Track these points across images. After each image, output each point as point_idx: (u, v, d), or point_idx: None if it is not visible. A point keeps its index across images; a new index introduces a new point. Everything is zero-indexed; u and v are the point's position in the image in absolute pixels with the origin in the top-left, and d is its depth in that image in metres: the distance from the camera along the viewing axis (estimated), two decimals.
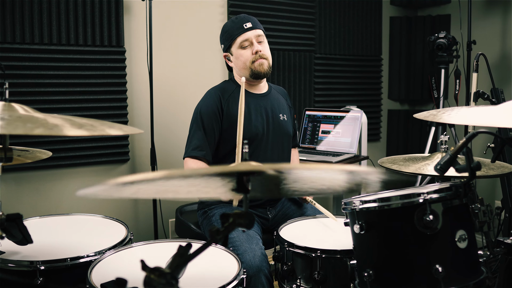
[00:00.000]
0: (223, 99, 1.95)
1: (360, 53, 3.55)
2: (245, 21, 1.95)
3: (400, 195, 1.14)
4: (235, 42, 1.94)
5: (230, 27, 1.97)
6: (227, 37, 1.97)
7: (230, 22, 1.99)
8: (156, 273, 0.81)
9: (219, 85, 2.05)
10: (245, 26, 1.93)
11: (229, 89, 2.00)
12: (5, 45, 2.29)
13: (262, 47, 1.96)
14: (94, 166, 2.60)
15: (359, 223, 1.18)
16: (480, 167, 1.09)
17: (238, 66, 1.98)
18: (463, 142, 1.11)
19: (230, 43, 1.97)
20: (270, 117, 2.00)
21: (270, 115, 2.01)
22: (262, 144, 1.96)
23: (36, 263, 1.37)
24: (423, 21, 3.66)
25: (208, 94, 2.00)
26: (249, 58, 1.94)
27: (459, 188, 1.12)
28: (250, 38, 1.93)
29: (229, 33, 1.97)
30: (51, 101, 2.43)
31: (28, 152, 1.35)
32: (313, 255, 1.47)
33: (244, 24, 1.94)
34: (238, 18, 1.97)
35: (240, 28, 1.93)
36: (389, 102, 3.83)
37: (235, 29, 1.95)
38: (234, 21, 1.97)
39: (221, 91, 1.98)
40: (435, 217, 1.09)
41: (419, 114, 1.38)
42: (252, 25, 1.94)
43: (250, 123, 1.93)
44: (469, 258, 1.15)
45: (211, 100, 1.95)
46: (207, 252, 1.47)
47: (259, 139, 1.95)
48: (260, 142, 1.95)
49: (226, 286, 1.24)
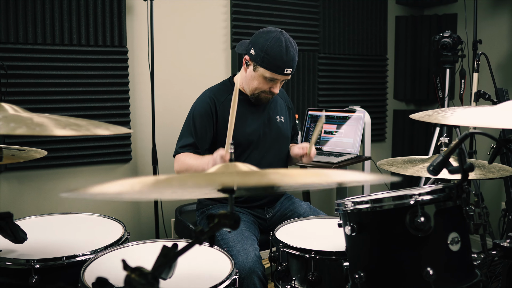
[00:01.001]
0: (218, 102, 1.95)
1: (365, 53, 3.53)
2: (289, 66, 1.84)
3: (392, 196, 1.13)
4: (266, 71, 1.84)
5: (274, 56, 1.81)
6: (265, 60, 1.83)
7: (278, 50, 1.81)
8: (137, 272, 0.81)
9: (215, 87, 2.03)
10: (286, 72, 1.84)
11: (225, 93, 1.98)
12: (8, 45, 2.32)
13: (280, 88, 1.94)
14: (97, 165, 2.62)
15: (351, 224, 1.17)
16: (473, 168, 1.07)
17: (248, 82, 1.93)
18: (455, 143, 1.09)
19: (261, 65, 1.84)
20: (266, 120, 2.00)
21: (267, 119, 2.01)
22: (258, 147, 1.96)
23: (31, 261, 1.38)
24: (429, 20, 3.62)
25: (203, 96, 1.99)
26: (262, 88, 1.90)
27: (452, 190, 1.11)
28: (279, 80, 1.89)
29: (269, 60, 1.82)
30: (53, 101, 2.45)
31: (22, 151, 1.36)
32: (307, 256, 1.46)
33: (286, 69, 1.84)
34: (287, 54, 1.82)
35: (280, 69, 1.83)
36: (394, 102, 3.80)
37: (276, 66, 1.82)
38: (282, 53, 1.81)
39: (216, 94, 1.97)
40: (427, 219, 1.07)
41: (415, 115, 1.36)
42: (291, 72, 1.86)
43: (245, 127, 1.93)
44: (462, 261, 1.14)
45: (205, 102, 1.95)
46: (202, 251, 1.48)
47: (255, 143, 1.95)
48: (257, 146, 1.96)
49: (217, 286, 1.24)
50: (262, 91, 1.91)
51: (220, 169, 0.94)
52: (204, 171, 1.70)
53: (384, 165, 1.79)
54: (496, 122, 1.16)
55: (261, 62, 1.84)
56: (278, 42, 1.82)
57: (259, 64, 1.85)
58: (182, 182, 0.83)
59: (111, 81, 2.59)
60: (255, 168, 0.95)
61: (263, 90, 1.91)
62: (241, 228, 1.78)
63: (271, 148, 1.99)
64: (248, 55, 1.90)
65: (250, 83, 1.92)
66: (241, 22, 2.96)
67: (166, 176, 0.82)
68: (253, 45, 1.87)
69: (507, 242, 1.29)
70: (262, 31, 1.89)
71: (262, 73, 1.85)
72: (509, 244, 1.28)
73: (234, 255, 1.63)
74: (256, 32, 1.92)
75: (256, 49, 1.85)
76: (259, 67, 1.85)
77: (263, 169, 0.87)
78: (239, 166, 0.93)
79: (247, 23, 2.97)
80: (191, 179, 0.85)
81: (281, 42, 1.82)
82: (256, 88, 1.91)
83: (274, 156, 2.00)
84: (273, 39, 1.83)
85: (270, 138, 1.99)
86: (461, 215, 1.14)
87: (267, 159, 1.97)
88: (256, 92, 1.93)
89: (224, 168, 0.95)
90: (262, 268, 1.64)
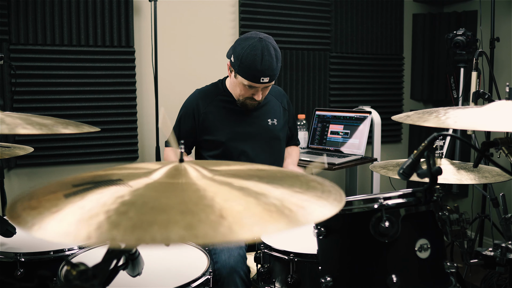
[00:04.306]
0: (204, 104, 1.98)
1: (380, 52, 3.45)
2: (264, 75, 1.79)
3: (359, 199, 1.10)
4: (244, 79, 1.83)
5: (248, 65, 1.78)
6: (240, 68, 1.81)
7: (252, 59, 1.77)
8: (77, 268, 0.81)
9: (205, 88, 2.06)
10: (261, 81, 1.80)
11: (213, 95, 2.01)
12: (19, 46, 2.41)
13: (264, 93, 1.90)
14: (104, 162, 2.68)
15: (318, 227, 1.15)
16: (441, 172, 1.03)
17: (233, 88, 1.95)
18: (424, 145, 1.05)
19: (238, 72, 1.83)
20: (255, 123, 2.00)
21: (256, 121, 2.00)
22: (247, 150, 1.96)
23: (18, 254, 1.43)
24: (448, 17, 3.50)
25: (191, 96, 2.05)
26: (245, 95, 1.89)
27: (420, 194, 1.06)
28: (258, 88, 1.86)
29: (244, 69, 1.80)
30: (61, 100, 2.53)
31: (8, 148, 1.41)
32: (287, 258, 1.44)
33: (262, 78, 1.80)
34: (262, 63, 1.77)
35: (256, 78, 1.80)
36: (411, 102, 3.70)
37: (251, 75, 1.80)
38: (256, 63, 1.77)
39: (203, 95, 2.00)
40: (392, 224, 1.03)
41: (397, 116, 1.31)
42: (269, 80, 1.82)
43: (233, 130, 1.96)
44: (432, 269, 1.09)
45: (192, 102, 2.00)
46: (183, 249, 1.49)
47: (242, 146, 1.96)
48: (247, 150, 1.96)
49: (187, 284, 1.24)
50: (246, 97, 1.91)
51: None
52: None
53: (377, 167, 1.75)
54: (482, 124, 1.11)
55: (238, 70, 1.83)
56: (253, 50, 1.77)
57: (237, 72, 1.85)
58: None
59: (118, 80, 2.65)
60: None
61: (246, 96, 1.90)
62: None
63: (261, 151, 1.98)
64: (229, 61, 1.90)
65: (234, 89, 1.95)
66: (250, 22, 2.95)
67: None
68: (233, 52, 1.86)
69: (489, 250, 1.23)
70: (241, 38, 1.87)
71: (241, 81, 1.85)
72: (493, 253, 1.23)
73: (217, 253, 1.63)
74: (237, 38, 1.93)
75: (234, 56, 1.84)
76: (237, 75, 1.86)
77: None
78: None
79: (256, 22, 2.96)
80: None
81: (257, 50, 1.78)
82: (240, 94, 1.92)
83: (264, 159, 1.98)
84: (248, 47, 1.79)
85: (259, 141, 1.99)
86: (432, 221, 1.10)
87: (259, 161, 1.95)
88: (240, 99, 1.93)
89: None
90: (245, 268, 1.63)
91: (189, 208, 0.75)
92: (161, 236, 0.66)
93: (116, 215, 0.73)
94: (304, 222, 0.77)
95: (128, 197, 0.79)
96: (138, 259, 1.11)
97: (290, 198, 0.85)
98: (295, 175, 0.95)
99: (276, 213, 0.76)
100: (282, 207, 0.79)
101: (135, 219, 0.72)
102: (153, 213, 0.74)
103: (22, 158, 2.45)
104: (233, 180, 0.89)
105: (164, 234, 0.67)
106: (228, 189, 0.84)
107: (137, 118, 2.72)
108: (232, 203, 0.78)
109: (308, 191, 0.90)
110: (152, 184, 0.85)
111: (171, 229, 0.68)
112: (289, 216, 0.77)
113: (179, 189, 0.82)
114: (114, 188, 0.85)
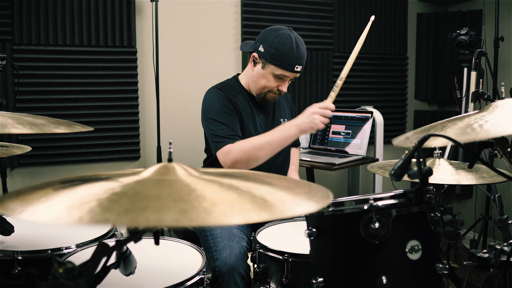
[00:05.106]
0: (232, 99, 1.89)
1: (383, 52, 3.43)
2: (300, 63, 1.81)
3: (349, 200, 1.09)
4: (277, 68, 1.81)
5: (285, 53, 1.78)
6: (275, 56, 1.79)
7: (289, 46, 1.78)
8: (63, 266, 0.82)
9: (222, 84, 1.96)
10: (296, 69, 1.81)
11: (234, 92, 1.92)
12: (21, 47, 2.43)
13: (287, 87, 1.90)
14: (107, 162, 2.70)
15: (309, 228, 1.14)
16: (431, 172, 1.02)
17: (255, 81, 1.89)
18: (415, 146, 1.04)
19: (271, 62, 1.81)
20: (271, 122, 1.98)
21: (271, 120, 1.99)
22: None
23: (15, 253, 1.44)
24: (453, 17, 3.47)
25: (213, 90, 1.91)
26: (270, 87, 1.86)
27: (411, 195, 1.06)
28: (288, 77, 1.85)
29: (280, 56, 1.78)
30: (64, 100, 2.55)
31: (6, 147, 1.43)
32: (281, 258, 1.44)
33: (297, 66, 1.80)
34: (298, 51, 1.80)
35: (291, 66, 1.80)
36: (415, 102, 3.67)
37: (287, 62, 1.79)
38: (293, 50, 1.78)
39: (227, 91, 1.90)
40: (382, 225, 1.03)
41: (396, 141, 1.26)
42: (301, 69, 1.83)
43: (255, 128, 1.92)
44: (424, 271, 1.08)
45: (220, 95, 1.88)
46: (177, 248, 1.50)
47: None
48: None
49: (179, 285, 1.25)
50: (270, 90, 1.87)
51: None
52: (285, 139, 1.70)
53: (375, 167, 1.74)
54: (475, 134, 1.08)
55: (271, 59, 1.80)
56: (288, 39, 1.80)
57: (268, 61, 1.81)
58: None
59: (121, 81, 2.66)
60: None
61: (270, 89, 1.87)
62: (231, 226, 1.78)
63: (281, 150, 1.97)
64: (256, 53, 1.85)
65: (257, 81, 1.88)
66: (252, 22, 2.95)
67: None
68: (261, 42, 1.83)
69: (483, 252, 1.22)
70: (271, 28, 1.87)
71: (272, 70, 1.82)
72: (488, 255, 1.22)
73: (218, 251, 1.63)
74: (264, 30, 1.90)
75: (265, 46, 1.81)
76: (268, 65, 1.82)
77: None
78: None
79: (259, 22, 2.96)
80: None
81: (292, 39, 1.80)
82: (264, 86, 1.87)
83: (283, 158, 1.99)
84: (283, 36, 1.80)
85: None
86: (424, 222, 1.09)
87: (278, 161, 1.96)
88: (263, 91, 1.89)
89: None
90: (245, 266, 1.63)
91: (181, 197, 0.76)
92: (155, 218, 0.67)
93: (108, 202, 0.73)
94: (290, 214, 0.78)
95: (119, 189, 0.79)
96: (129, 258, 1.12)
97: (277, 194, 0.86)
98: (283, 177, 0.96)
99: (264, 205, 0.77)
100: (270, 200, 0.80)
101: (127, 204, 0.72)
102: (146, 200, 0.74)
103: (25, 158, 2.47)
104: (221, 179, 0.91)
105: (158, 216, 0.67)
106: (217, 185, 0.85)
107: (139, 118, 2.73)
108: (223, 195, 0.80)
109: (295, 189, 0.91)
110: (142, 180, 0.85)
111: (164, 212, 0.69)
112: (277, 207, 0.78)
113: (170, 184, 0.83)
114: (104, 183, 0.86)
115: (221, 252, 1.62)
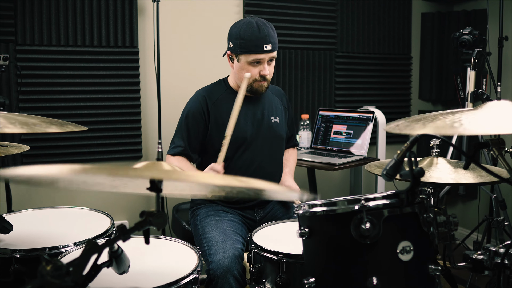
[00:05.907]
0: (210, 102, 1.95)
1: (387, 52, 3.41)
2: (266, 42, 1.83)
3: (342, 200, 1.09)
4: (248, 55, 1.84)
5: (248, 38, 1.82)
6: (242, 45, 1.84)
7: (250, 31, 1.83)
8: (51, 264, 0.83)
9: (208, 87, 2.04)
10: (265, 48, 1.82)
11: (218, 92, 1.98)
12: (24, 47, 2.46)
13: (270, 69, 1.90)
14: (109, 162, 2.71)
15: (301, 228, 1.14)
16: (423, 173, 1.01)
17: (237, 76, 1.93)
18: (406, 146, 1.04)
19: (241, 52, 1.86)
20: (260, 120, 1.98)
21: (260, 118, 1.98)
22: (250, 147, 1.94)
23: (13, 251, 1.46)
24: (457, 16, 3.44)
25: (195, 96, 2.00)
26: (253, 76, 1.88)
27: (402, 196, 1.05)
28: (263, 60, 1.86)
29: (245, 43, 1.83)
30: (66, 100, 2.57)
31: (4, 147, 1.44)
32: (276, 259, 1.44)
33: (265, 45, 1.82)
34: (260, 31, 1.83)
35: (259, 47, 1.82)
36: (419, 102, 3.64)
37: (253, 45, 1.82)
38: (255, 32, 1.82)
39: (208, 94, 1.97)
40: (373, 226, 1.02)
41: (387, 127, 1.25)
42: (271, 47, 1.84)
43: (238, 127, 1.91)
44: (416, 272, 1.08)
45: (197, 102, 1.96)
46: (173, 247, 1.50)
47: (247, 143, 1.94)
48: (248, 145, 1.94)
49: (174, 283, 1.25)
50: (254, 80, 1.89)
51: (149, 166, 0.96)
52: None
53: (372, 167, 1.73)
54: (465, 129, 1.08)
55: (240, 49, 1.85)
56: (249, 25, 1.85)
57: (239, 52, 1.87)
58: (112, 172, 0.84)
59: (123, 80, 2.68)
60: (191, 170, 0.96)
61: (254, 78, 1.89)
62: (225, 228, 1.78)
63: (263, 149, 1.97)
64: (228, 50, 1.93)
65: (239, 75, 1.92)
66: None
67: (96, 165, 0.87)
68: (229, 39, 1.91)
69: (478, 253, 1.21)
70: (234, 23, 1.94)
71: (245, 59, 1.86)
72: (482, 256, 1.20)
73: (212, 254, 1.64)
74: None
75: (232, 40, 1.89)
76: (240, 56, 1.87)
77: None
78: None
79: None
80: (120, 170, 0.87)
81: (252, 23, 1.85)
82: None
83: (266, 157, 1.98)
84: (243, 24, 1.87)
85: (262, 138, 1.97)
86: (416, 223, 1.08)
87: (258, 160, 1.95)
88: (249, 83, 1.89)
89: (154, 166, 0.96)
90: (239, 268, 1.63)
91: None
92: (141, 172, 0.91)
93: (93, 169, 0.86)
94: None
95: None
96: (121, 257, 1.13)
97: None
98: None
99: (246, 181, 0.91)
100: None
101: (111, 169, 0.84)
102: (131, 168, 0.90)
103: (28, 157, 2.50)
104: None
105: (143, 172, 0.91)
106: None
107: (141, 118, 2.75)
108: None
109: None
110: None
111: (148, 171, 0.91)
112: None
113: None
114: None
115: (215, 255, 1.63)
